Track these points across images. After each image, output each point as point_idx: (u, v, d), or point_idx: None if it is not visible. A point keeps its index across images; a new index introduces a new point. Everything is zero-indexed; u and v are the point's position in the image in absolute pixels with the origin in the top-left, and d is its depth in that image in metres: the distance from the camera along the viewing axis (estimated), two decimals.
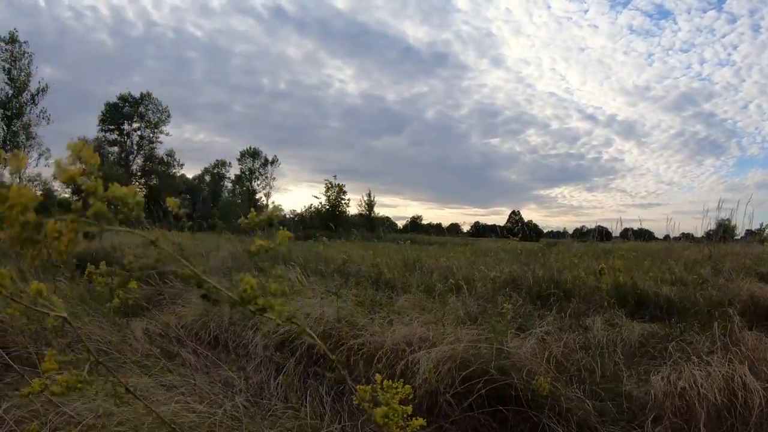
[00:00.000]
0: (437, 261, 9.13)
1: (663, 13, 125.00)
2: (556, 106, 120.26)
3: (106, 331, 4.55)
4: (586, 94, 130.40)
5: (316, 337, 1.39)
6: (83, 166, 0.98)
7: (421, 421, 1.64)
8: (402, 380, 1.67)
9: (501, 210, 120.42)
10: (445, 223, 74.50)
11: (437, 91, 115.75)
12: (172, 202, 1.38)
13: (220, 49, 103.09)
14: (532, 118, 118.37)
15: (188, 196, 65.58)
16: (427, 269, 8.34)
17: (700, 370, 3.45)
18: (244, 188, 73.96)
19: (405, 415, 1.62)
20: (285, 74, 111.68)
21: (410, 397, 1.65)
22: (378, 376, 1.69)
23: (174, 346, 4.64)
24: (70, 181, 0.97)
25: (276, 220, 1.43)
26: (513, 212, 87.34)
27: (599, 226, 11.26)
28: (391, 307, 5.41)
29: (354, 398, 1.67)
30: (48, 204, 0.96)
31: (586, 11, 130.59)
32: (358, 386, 1.66)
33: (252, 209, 1.44)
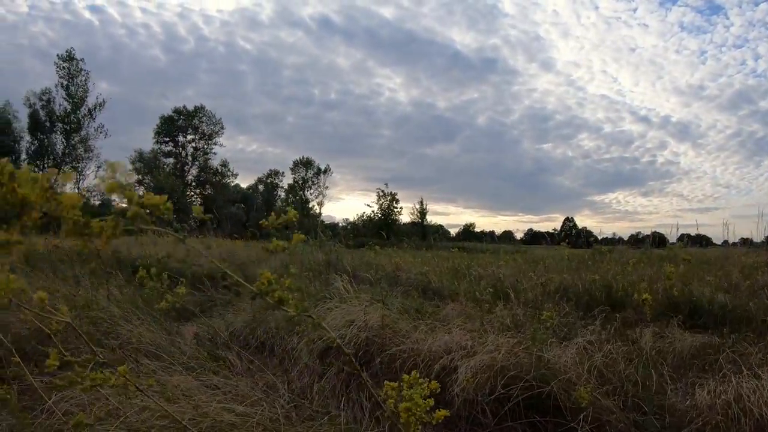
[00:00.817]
0: (487, 269, 9.05)
1: (714, 9, 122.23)
2: (608, 108, 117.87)
3: (156, 334, 4.66)
4: (639, 95, 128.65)
5: (328, 329, 1.41)
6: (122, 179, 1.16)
7: (444, 412, 1.66)
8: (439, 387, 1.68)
9: (554, 216, 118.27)
10: (498, 231, 73.91)
11: (487, 97, 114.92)
12: (197, 210, 1.44)
13: (271, 61, 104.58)
14: (584, 122, 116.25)
15: (242, 206, 66.63)
16: (476, 277, 8.26)
17: (749, 383, 3.34)
18: (297, 197, 74.68)
19: (428, 409, 1.63)
20: (335, 84, 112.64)
21: (437, 392, 1.66)
22: (405, 375, 1.71)
23: (221, 351, 4.73)
24: (111, 191, 1.15)
25: (292, 224, 1.48)
26: (567, 219, 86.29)
27: (655, 232, 11.03)
28: (436, 315, 5.40)
29: (381, 392, 1.68)
30: (105, 212, 1.17)
31: (634, 10, 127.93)
32: (385, 382, 1.68)
33: (297, 216, 1.50)
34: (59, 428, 2.83)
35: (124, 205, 1.20)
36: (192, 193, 63.10)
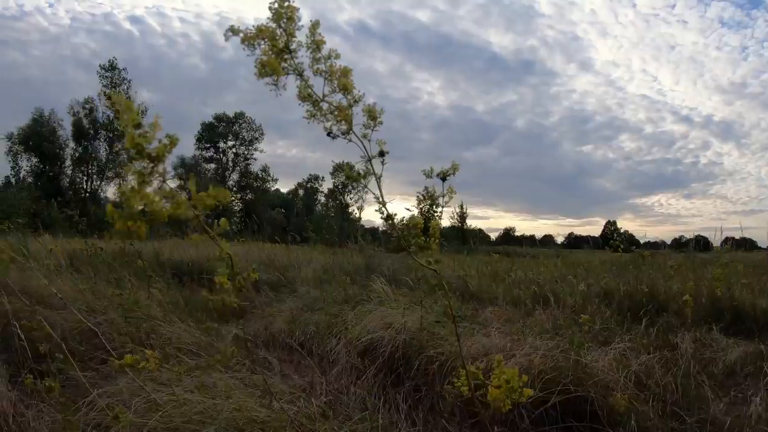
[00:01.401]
0: (527, 274, 9.00)
1: (754, 2, 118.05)
2: (649, 108, 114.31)
3: (196, 335, 4.75)
4: (680, 94, 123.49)
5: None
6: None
7: (530, 391, 1.72)
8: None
9: (595, 220, 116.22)
10: (539, 235, 73.28)
11: (526, 99, 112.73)
12: (224, 223, 1.48)
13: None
14: (624, 123, 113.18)
15: (283, 210, 67.17)
16: (516, 281, 8.23)
17: None
18: (337, 202, 74.99)
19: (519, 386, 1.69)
20: (373, 89, 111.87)
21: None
22: (497, 356, 1.77)
23: (261, 351, 4.79)
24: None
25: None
26: (608, 222, 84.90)
27: (698, 235, 10.85)
28: (475, 318, 5.40)
29: (455, 382, 1.74)
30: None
31: (673, 6, 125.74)
32: (469, 366, 1.74)
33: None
34: (99, 422, 2.91)
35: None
36: (233, 198, 63.82)
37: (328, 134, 1.90)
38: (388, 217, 1.98)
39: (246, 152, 68.17)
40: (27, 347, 4.07)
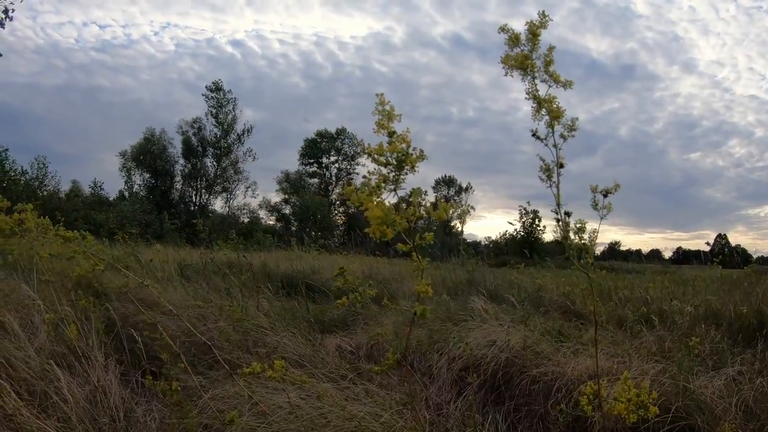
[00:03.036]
0: (633, 291, 8.78)
1: None
2: (759, 110, 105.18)
3: (300, 345, 4.92)
4: None
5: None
6: None
7: (655, 409, 1.75)
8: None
9: (705, 234, 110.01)
10: (645, 249, 70.68)
11: (628, 105, 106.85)
12: (430, 237, 1.60)
13: (407, 82, 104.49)
14: (733, 127, 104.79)
15: None
16: (622, 300, 8.05)
17: None
18: None
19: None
20: (473, 102, 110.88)
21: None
22: (625, 373, 1.84)
23: (362, 363, 4.91)
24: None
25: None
26: (718, 236, 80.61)
27: None
28: (579, 338, 5.35)
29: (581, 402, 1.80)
30: (255, 228, 1.34)
31: None
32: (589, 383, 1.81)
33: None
34: (209, 423, 3.10)
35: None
36: (336, 212, 64.93)
37: (534, 135, 2.20)
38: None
39: (348, 167, 69.27)
40: (142, 350, 4.38)
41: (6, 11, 14.24)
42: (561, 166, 1.75)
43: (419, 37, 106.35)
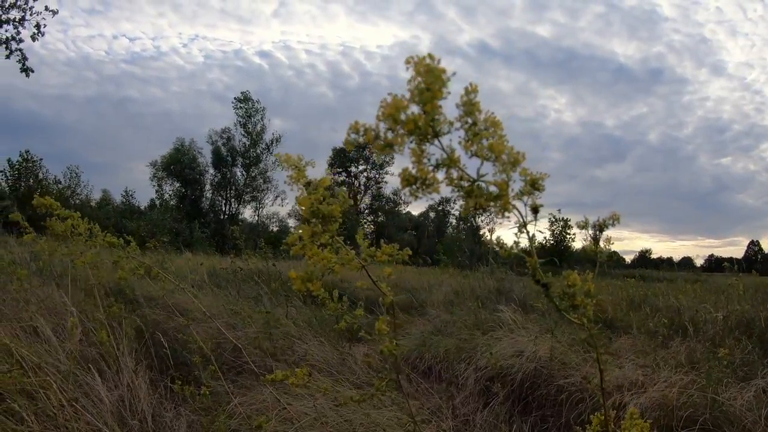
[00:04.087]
0: (664, 300, 8.68)
1: None
2: None
3: (328, 353, 4.96)
4: None
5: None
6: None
7: None
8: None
9: (738, 240, 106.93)
10: (676, 257, 69.52)
11: (657, 110, 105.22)
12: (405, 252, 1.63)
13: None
14: (765, 130, 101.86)
15: (414, 233, 67.51)
16: (653, 309, 7.96)
17: None
18: (468, 224, 74.67)
19: None
20: (500, 109, 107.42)
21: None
22: (632, 410, 1.83)
23: (389, 372, 4.92)
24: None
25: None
26: (752, 242, 79.44)
27: None
28: (607, 348, 5.32)
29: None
30: (284, 236, 1.40)
31: None
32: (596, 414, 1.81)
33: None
34: (236, 428, 3.15)
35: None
36: (365, 221, 65.09)
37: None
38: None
39: (377, 176, 69.37)
40: (169, 356, 4.45)
41: (38, 25, 14.54)
42: (536, 210, 1.65)
43: (445, 45, 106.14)
